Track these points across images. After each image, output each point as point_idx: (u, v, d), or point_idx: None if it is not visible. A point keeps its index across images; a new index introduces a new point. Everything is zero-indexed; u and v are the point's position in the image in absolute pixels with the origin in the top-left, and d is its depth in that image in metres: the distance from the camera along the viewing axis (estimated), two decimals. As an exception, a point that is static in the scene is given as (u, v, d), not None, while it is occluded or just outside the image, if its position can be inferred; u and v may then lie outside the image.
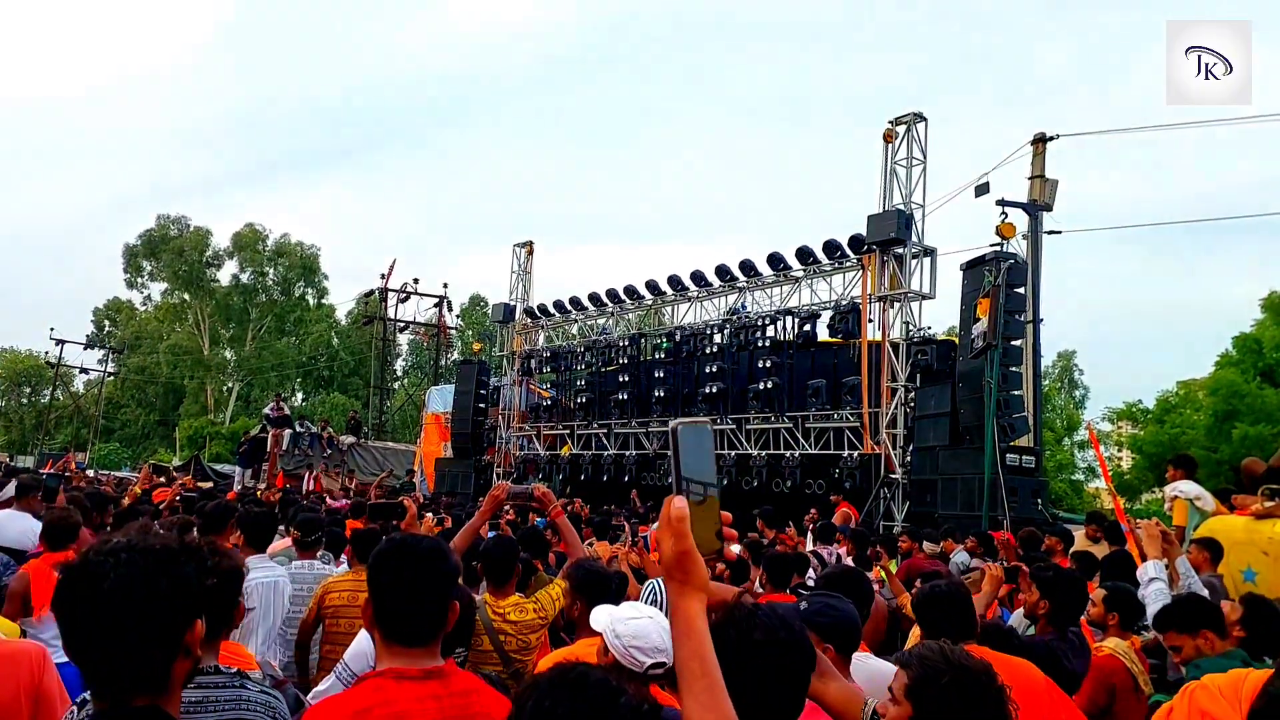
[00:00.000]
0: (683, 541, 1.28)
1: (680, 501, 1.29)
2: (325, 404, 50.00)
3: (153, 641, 1.50)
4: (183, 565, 1.57)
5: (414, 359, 56.97)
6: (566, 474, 20.24)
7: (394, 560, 2.19)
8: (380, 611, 2.14)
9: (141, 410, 54.89)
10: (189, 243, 52.65)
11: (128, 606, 1.48)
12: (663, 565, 1.31)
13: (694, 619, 1.29)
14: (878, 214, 14.48)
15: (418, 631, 2.15)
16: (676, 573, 1.30)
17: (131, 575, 1.50)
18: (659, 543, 1.32)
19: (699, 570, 1.30)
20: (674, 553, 1.29)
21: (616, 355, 19.67)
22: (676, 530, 1.28)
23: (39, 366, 57.94)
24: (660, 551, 1.32)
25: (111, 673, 1.50)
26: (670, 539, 1.29)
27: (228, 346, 54.98)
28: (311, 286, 56.51)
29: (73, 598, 1.51)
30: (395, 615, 2.13)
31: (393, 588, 2.15)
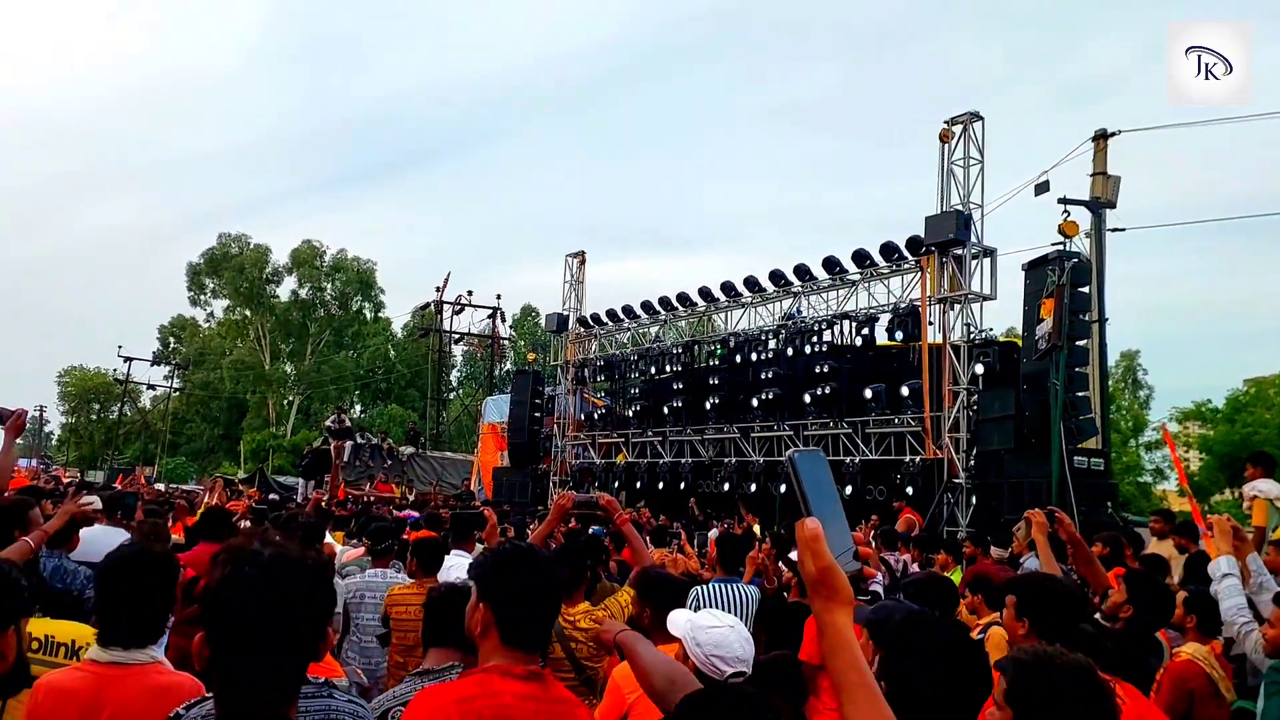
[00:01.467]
0: (822, 559, 1.34)
1: (813, 522, 1.36)
2: (383, 415, 50.73)
3: (295, 651, 1.55)
4: (320, 577, 1.62)
5: (468, 369, 57.55)
6: (622, 482, 20.26)
7: (516, 568, 2.26)
8: (499, 614, 2.20)
9: (206, 425, 56.21)
10: (249, 260, 53.87)
11: (277, 618, 1.54)
12: (807, 583, 1.37)
13: (844, 630, 1.35)
14: (935, 215, 14.28)
15: (530, 637, 2.24)
16: (821, 589, 1.36)
17: (281, 587, 1.56)
18: (800, 563, 1.39)
19: (843, 585, 1.36)
20: (816, 570, 1.35)
21: (670, 363, 19.68)
22: (814, 549, 1.34)
23: (107, 383, 59.76)
24: (802, 571, 1.38)
25: (254, 681, 1.54)
26: (810, 558, 1.35)
27: (288, 361, 56.08)
28: (368, 300, 57.47)
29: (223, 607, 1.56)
30: (512, 621, 2.20)
31: (512, 594, 2.22)
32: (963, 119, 14.46)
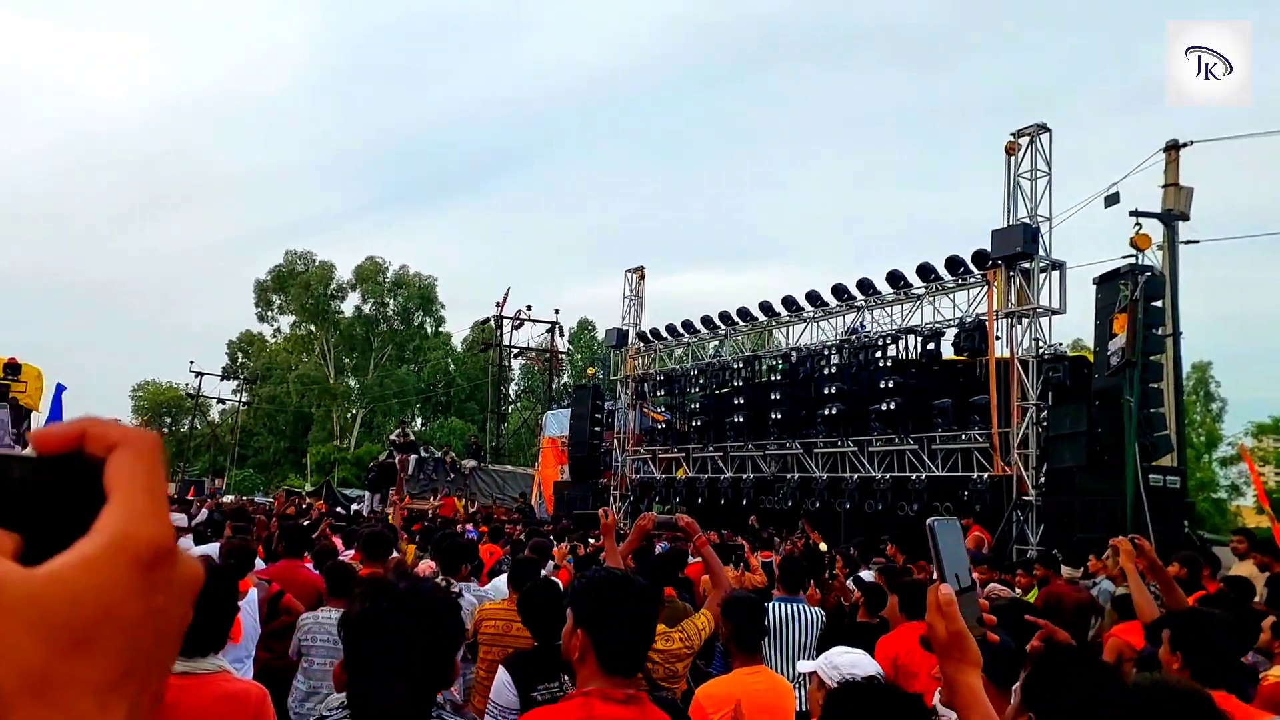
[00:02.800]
0: (954, 623, 1.43)
1: (946, 588, 1.45)
2: (443, 428, 51.37)
3: (425, 680, 1.63)
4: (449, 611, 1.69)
5: (526, 383, 58.05)
6: (683, 497, 20.28)
7: (612, 594, 2.31)
8: (597, 640, 2.25)
9: (273, 438, 57.45)
10: (315, 277, 55.07)
11: (410, 649, 1.62)
12: (937, 646, 1.46)
13: (976, 689, 1.44)
14: (1002, 228, 14.10)
15: (628, 663, 2.29)
16: (953, 651, 1.44)
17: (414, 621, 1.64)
18: (930, 626, 1.47)
19: (972, 648, 1.44)
20: (947, 634, 1.44)
21: (731, 378, 19.68)
22: (947, 614, 1.44)
23: (179, 397, 61.45)
24: (933, 635, 1.47)
25: (387, 708, 1.63)
26: (941, 622, 1.44)
27: (351, 375, 57.14)
28: (429, 315, 58.34)
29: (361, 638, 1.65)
30: (610, 647, 2.25)
31: (610, 621, 2.27)
32: (1029, 131, 14.28)
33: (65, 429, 0.45)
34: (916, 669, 4.93)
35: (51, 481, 0.44)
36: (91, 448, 0.45)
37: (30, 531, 0.43)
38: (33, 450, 0.46)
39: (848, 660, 3.01)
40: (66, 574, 0.40)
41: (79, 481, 0.44)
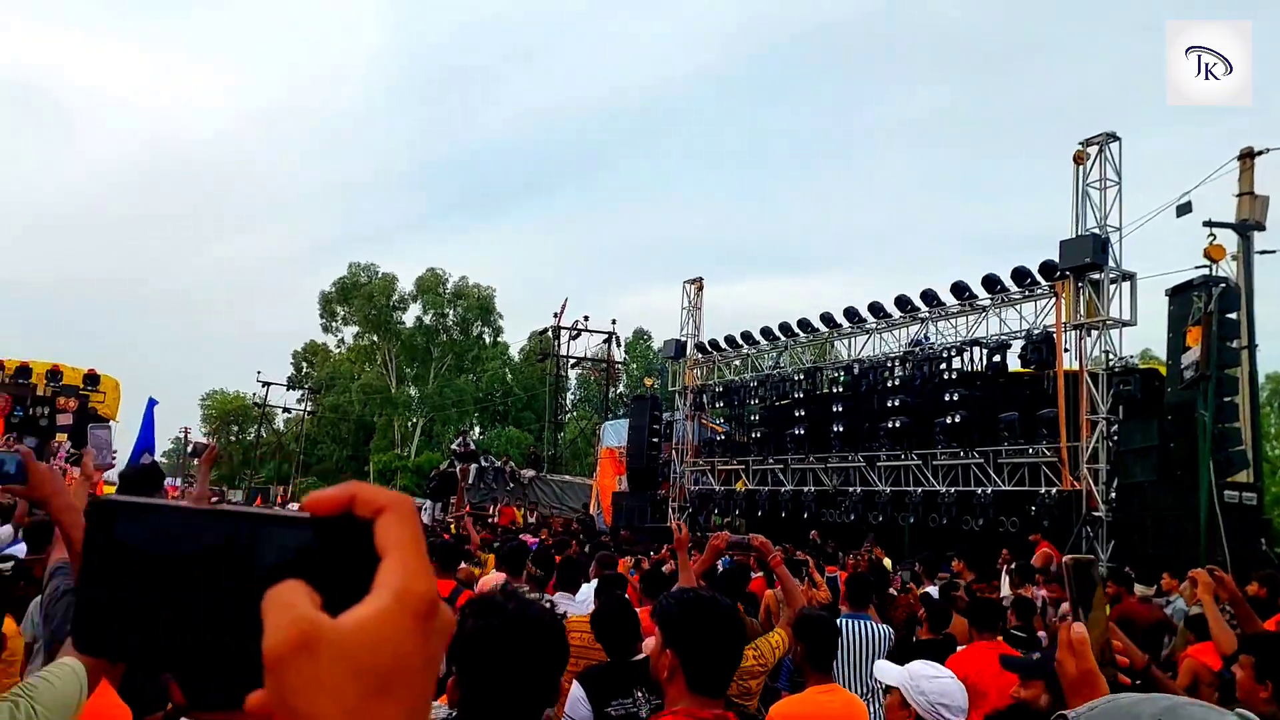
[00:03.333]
0: (1085, 661, 1.47)
1: (1080, 628, 1.49)
2: (500, 437, 51.85)
3: (538, 700, 1.71)
4: (555, 632, 1.77)
5: (582, 393, 58.38)
6: (742, 509, 20.23)
7: (702, 616, 2.37)
8: (686, 660, 2.30)
9: (336, 446, 58.51)
10: (377, 288, 56.06)
11: (518, 668, 1.69)
12: (1066, 684, 1.50)
13: None
14: (1071, 239, 13.88)
15: (717, 683, 2.34)
16: (1083, 690, 1.47)
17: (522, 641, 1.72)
18: (1059, 663, 1.51)
19: (1103, 687, 1.47)
20: (1078, 672, 1.47)
21: (791, 389, 19.60)
22: (1079, 652, 1.47)
23: (246, 406, 62.97)
24: (1062, 672, 1.50)
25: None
26: (1072, 660, 1.48)
27: (412, 384, 57.97)
28: (487, 326, 59.00)
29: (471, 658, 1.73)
30: (699, 667, 2.31)
31: (699, 642, 2.32)
32: (1098, 140, 14.05)
33: (336, 494, 0.52)
34: (987, 689, 4.89)
35: (332, 541, 0.52)
36: (360, 511, 0.51)
37: (319, 586, 0.50)
38: (306, 512, 0.53)
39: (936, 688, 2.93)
40: (368, 624, 0.47)
41: (354, 541, 0.51)
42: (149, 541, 0.53)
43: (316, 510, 0.52)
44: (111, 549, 0.53)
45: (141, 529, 0.53)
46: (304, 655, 0.46)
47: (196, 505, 1.92)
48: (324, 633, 0.46)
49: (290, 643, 0.46)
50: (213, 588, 0.52)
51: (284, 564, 0.51)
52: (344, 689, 0.46)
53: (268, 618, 0.48)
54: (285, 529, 0.53)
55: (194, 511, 0.54)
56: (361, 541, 0.51)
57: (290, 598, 0.48)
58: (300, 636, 0.46)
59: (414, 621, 0.48)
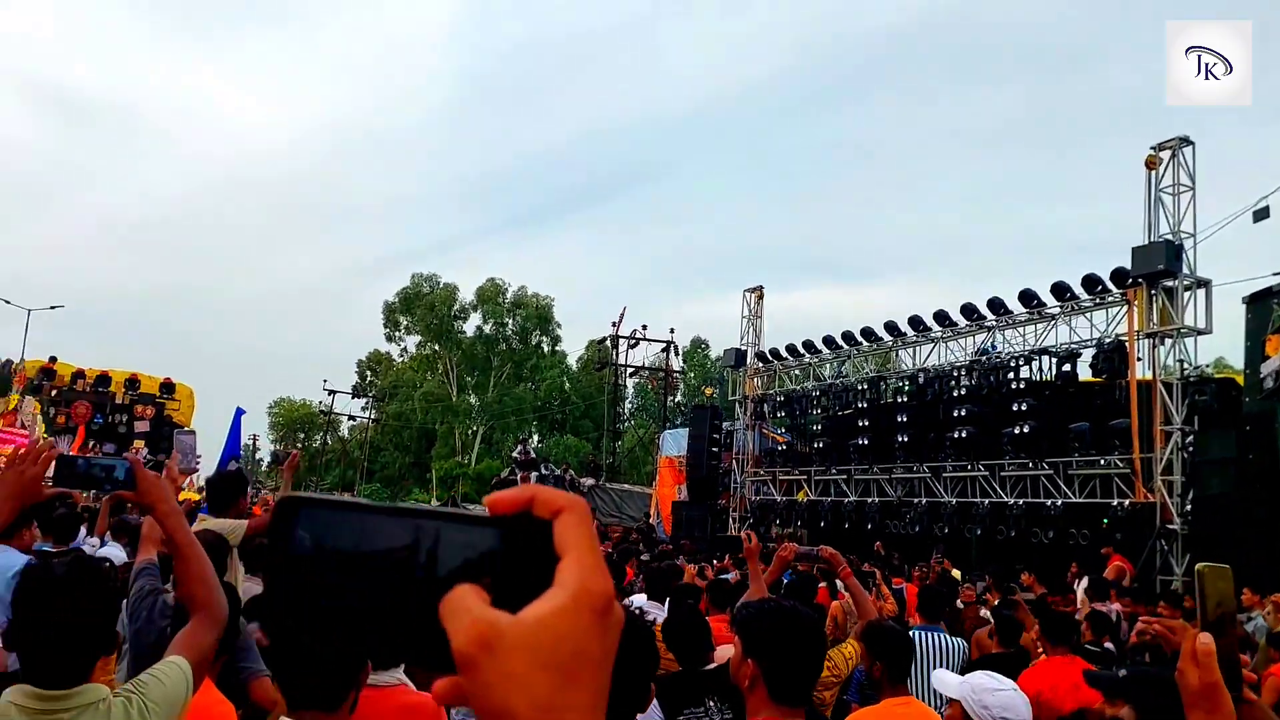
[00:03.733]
0: (1210, 674, 1.40)
1: (1207, 638, 1.42)
2: (558, 446, 52.17)
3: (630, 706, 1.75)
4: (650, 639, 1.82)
5: (639, 401, 58.49)
6: (804, 520, 20.08)
7: (784, 626, 2.39)
8: (767, 670, 2.33)
9: (399, 453, 59.40)
10: (439, 298, 56.94)
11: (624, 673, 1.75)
12: (1187, 696, 1.43)
13: None
14: (1143, 245, 13.57)
15: (799, 693, 2.37)
16: (1204, 703, 1.41)
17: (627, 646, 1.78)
18: (1181, 673, 1.44)
19: (1225, 703, 1.41)
20: (1201, 684, 1.41)
21: (854, 399, 19.42)
22: (1204, 664, 1.40)
23: (312, 414, 64.37)
24: (1183, 683, 1.44)
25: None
26: (1196, 671, 1.41)
27: (472, 393, 58.67)
28: (546, 335, 59.47)
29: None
30: (781, 678, 2.33)
31: (782, 653, 2.35)
32: (1171, 144, 13.71)
33: (515, 495, 0.56)
34: (1061, 704, 4.82)
35: (512, 539, 0.55)
36: (539, 511, 0.55)
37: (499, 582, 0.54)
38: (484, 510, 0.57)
39: (999, 701, 2.88)
40: (548, 620, 0.51)
41: (533, 540, 0.55)
42: (331, 536, 0.57)
43: (497, 510, 0.56)
44: (294, 542, 0.57)
45: (324, 524, 0.57)
46: (488, 654, 0.50)
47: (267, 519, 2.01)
48: (504, 631, 0.50)
49: (473, 644, 0.50)
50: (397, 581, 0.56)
51: (467, 560, 0.55)
52: (533, 682, 0.50)
53: (448, 623, 0.52)
54: (468, 527, 0.56)
55: (378, 508, 0.58)
56: (540, 540, 0.55)
57: (466, 602, 0.52)
58: (480, 638, 0.50)
59: (592, 617, 0.52)
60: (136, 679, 2.19)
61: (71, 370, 25.96)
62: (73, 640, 2.05)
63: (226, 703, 2.99)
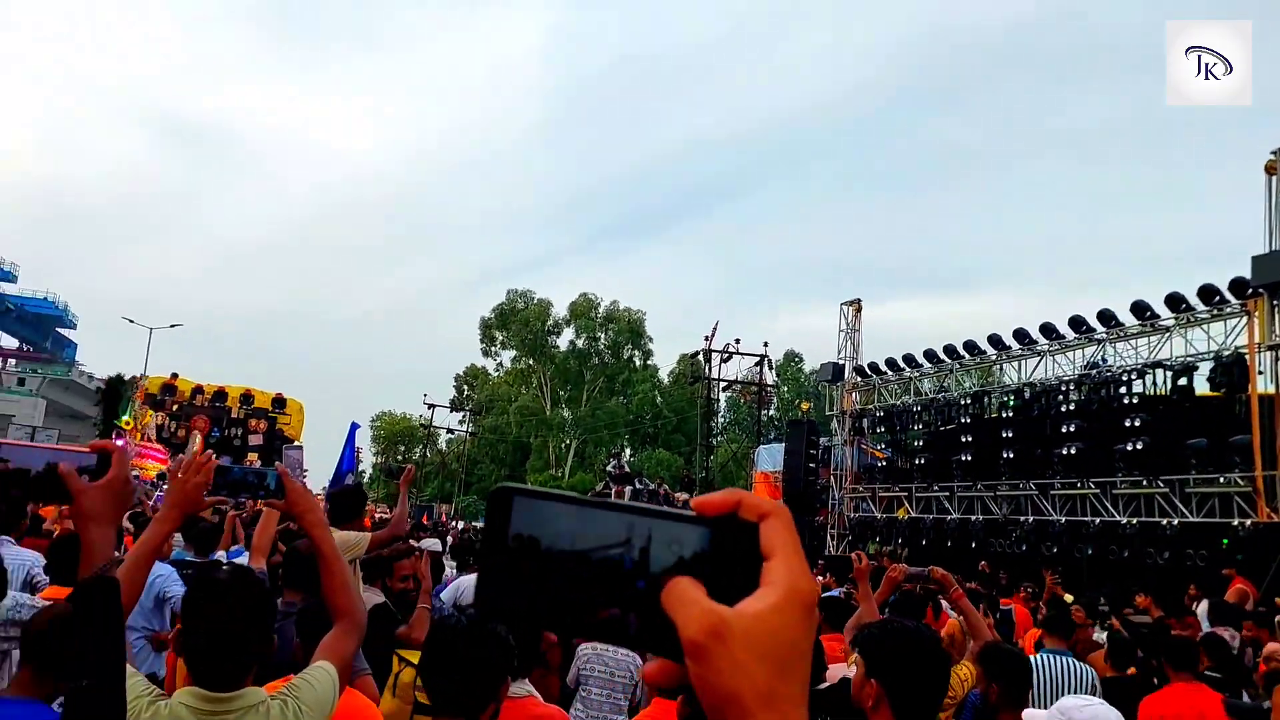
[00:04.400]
0: None
1: None
2: (650, 460, 52.35)
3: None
4: None
5: (731, 415, 58.27)
6: (905, 538, 19.74)
7: (909, 648, 2.43)
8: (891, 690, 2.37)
9: (494, 466, 60.40)
10: (533, 314, 57.95)
11: None
12: None
13: None
14: (1264, 254, 13.03)
15: (923, 714, 2.39)
16: None
17: None
18: None
19: None
20: None
21: (957, 414, 19.05)
22: None
23: (412, 427, 66.00)
24: None
25: None
26: None
27: (565, 406, 59.41)
28: (637, 349, 59.88)
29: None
30: (905, 696, 2.37)
31: (906, 674, 2.38)
32: (1293, 148, 13.14)
33: (723, 498, 0.60)
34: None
35: (719, 538, 0.59)
36: (745, 514, 0.59)
37: (708, 578, 0.58)
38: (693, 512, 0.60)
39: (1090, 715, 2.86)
40: (766, 615, 0.55)
41: (739, 539, 0.59)
42: (541, 524, 0.61)
43: (706, 511, 0.59)
44: (507, 531, 0.62)
45: (535, 514, 0.62)
46: (719, 643, 0.54)
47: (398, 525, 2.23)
48: (731, 623, 0.55)
49: (704, 633, 0.54)
50: (606, 569, 0.60)
51: (677, 555, 0.59)
52: (755, 671, 0.54)
53: (676, 611, 0.56)
54: (678, 524, 0.60)
55: (587, 501, 0.63)
56: (746, 540, 0.58)
57: (691, 593, 0.56)
58: (712, 628, 0.54)
59: (802, 614, 0.56)
60: (290, 682, 2.34)
61: (191, 386, 27.27)
62: (236, 646, 2.18)
63: (371, 706, 3.16)
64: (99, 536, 1.52)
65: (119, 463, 1.52)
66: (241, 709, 2.16)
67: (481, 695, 2.45)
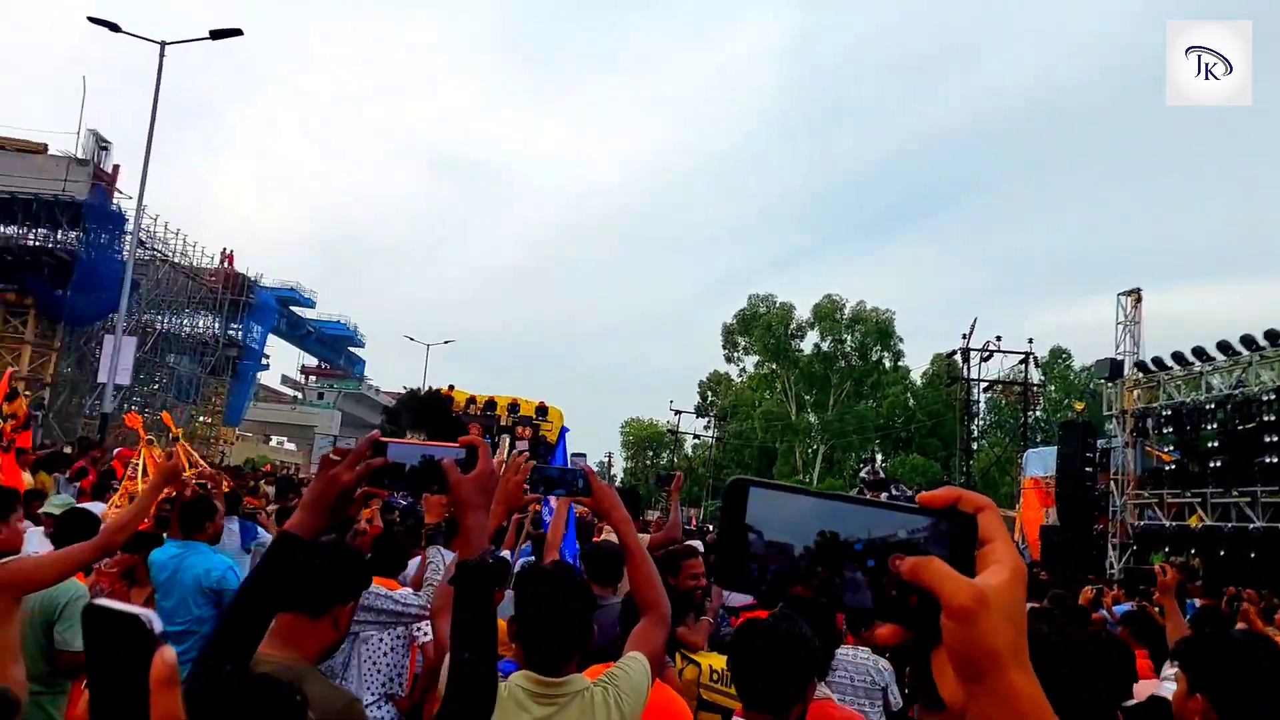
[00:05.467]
0: None
1: None
2: (904, 465, 50.60)
3: None
4: None
5: (993, 418, 55.22)
6: (1199, 548, 17.86)
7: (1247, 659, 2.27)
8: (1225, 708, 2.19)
9: (740, 471, 60.66)
10: (776, 318, 57.67)
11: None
12: None
13: None
14: None
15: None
16: None
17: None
18: None
19: None
20: None
21: (1259, 411, 17.04)
22: None
23: (659, 433, 67.71)
24: None
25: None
26: None
27: (811, 411, 58.64)
28: (887, 350, 58.11)
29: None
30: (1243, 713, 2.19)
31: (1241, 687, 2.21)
32: None
33: (944, 493, 0.73)
34: None
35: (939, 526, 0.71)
36: (964, 506, 0.72)
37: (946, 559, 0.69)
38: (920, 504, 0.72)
39: None
40: (1005, 587, 0.68)
41: (957, 527, 0.71)
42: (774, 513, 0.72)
43: (932, 504, 0.72)
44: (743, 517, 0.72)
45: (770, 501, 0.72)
46: (984, 609, 0.66)
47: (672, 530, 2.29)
48: (989, 593, 0.67)
49: (974, 600, 0.66)
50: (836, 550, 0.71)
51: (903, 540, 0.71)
52: (1008, 630, 0.67)
53: (941, 583, 0.67)
54: (903, 515, 0.72)
55: (816, 492, 0.74)
56: (967, 528, 0.71)
57: (948, 570, 0.68)
58: (980, 596, 0.66)
59: (1023, 586, 0.69)
60: (609, 671, 2.46)
61: (465, 397, 29.33)
62: (564, 633, 2.35)
63: (679, 698, 3.23)
64: (474, 522, 1.64)
65: (484, 457, 1.66)
66: (569, 694, 2.31)
67: (791, 694, 2.49)
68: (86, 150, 31.07)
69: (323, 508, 1.64)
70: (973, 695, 0.67)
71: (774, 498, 0.72)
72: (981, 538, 0.70)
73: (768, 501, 0.72)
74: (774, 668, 2.49)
